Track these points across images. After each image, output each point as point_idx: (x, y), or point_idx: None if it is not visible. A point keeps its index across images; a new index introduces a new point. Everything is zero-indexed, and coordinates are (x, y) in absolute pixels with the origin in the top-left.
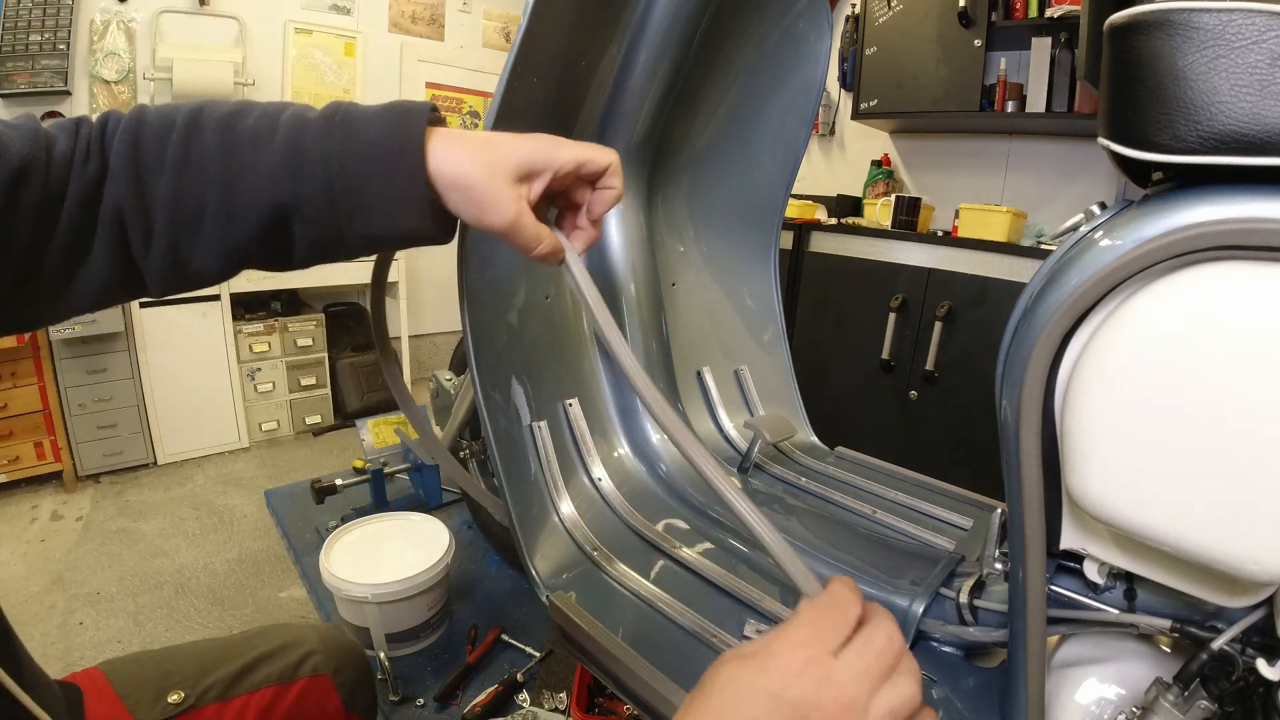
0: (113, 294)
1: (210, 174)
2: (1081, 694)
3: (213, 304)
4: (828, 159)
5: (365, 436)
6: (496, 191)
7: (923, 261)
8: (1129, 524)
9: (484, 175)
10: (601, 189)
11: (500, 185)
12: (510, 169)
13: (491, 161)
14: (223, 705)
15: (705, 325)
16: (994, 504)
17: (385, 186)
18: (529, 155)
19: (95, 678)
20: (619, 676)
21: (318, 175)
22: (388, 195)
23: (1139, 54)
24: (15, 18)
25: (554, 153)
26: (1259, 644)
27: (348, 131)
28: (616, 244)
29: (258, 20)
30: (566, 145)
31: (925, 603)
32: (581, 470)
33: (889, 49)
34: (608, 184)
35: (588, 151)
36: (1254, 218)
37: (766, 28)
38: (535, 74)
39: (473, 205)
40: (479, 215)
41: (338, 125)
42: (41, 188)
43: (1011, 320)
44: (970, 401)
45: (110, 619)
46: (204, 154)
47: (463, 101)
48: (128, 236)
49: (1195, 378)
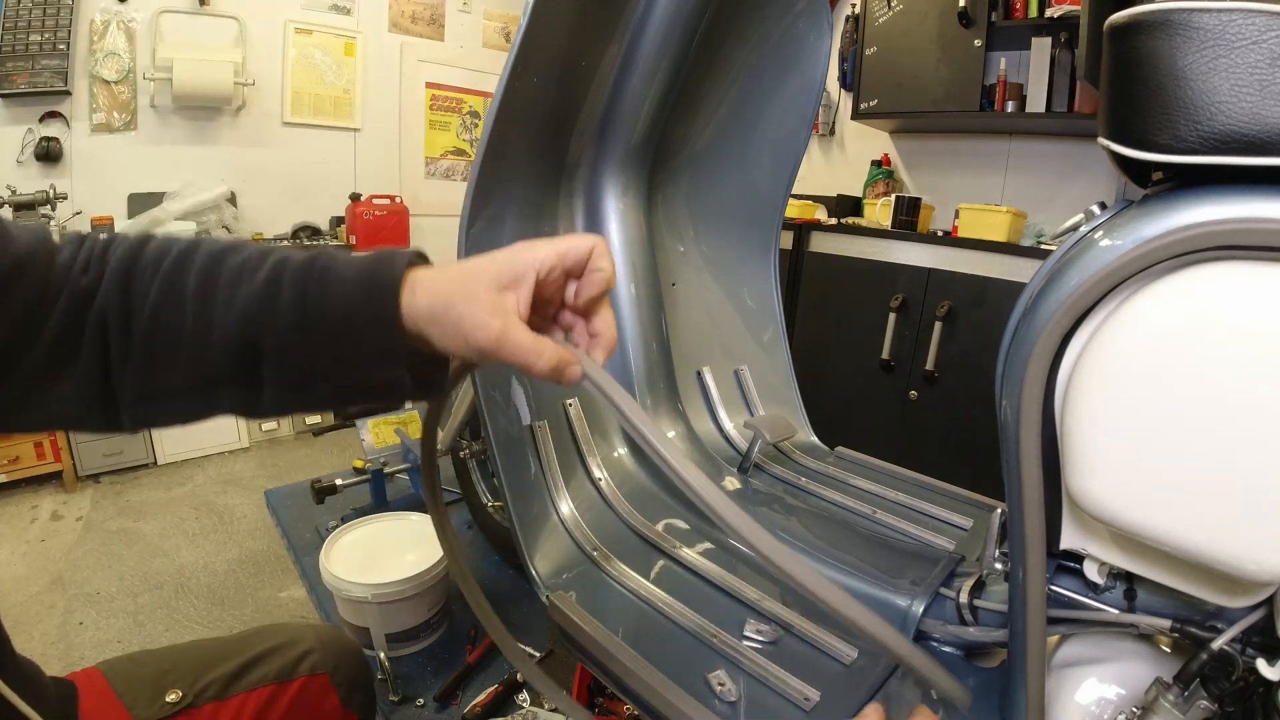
0: (82, 413)
1: (188, 301)
2: (1081, 694)
3: None
4: (828, 159)
5: (365, 436)
6: (476, 304)
7: (923, 261)
8: (1129, 524)
9: (458, 293)
10: (590, 273)
11: (480, 298)
12: (487, 281)
13: (465, 278)
14: (220, 704)
15: (705, 325)
16: (994, 504)
17: (354, 333)
18: (505, 262)
19: (93, 677)
20: (619, 676)
21: (289, 318)
22: (355, 341)
23: (1139, 54)
24: (15, 18)
25: (529, 253)
26: (1259, 644)
27: (325, 276)
28: (616, 244)
29: (258, 20)
30: (542, 243)
31: (925, 603)
32: (581, 470)
33: (889, 49)
34: (595, 267)
35: (566, 242)
36: (1254, 218)
37: (766, 28)
38: (535, 74)
39: (452, 330)
40: (464, 337)
41: (317, 269)
42: (37, 287)
43: (1011, 320)
44: (970, 401)
45: (110, 619)
46: (187, 281)
47: (463, 101)
48: (108, 352)
49: (1195, 378)
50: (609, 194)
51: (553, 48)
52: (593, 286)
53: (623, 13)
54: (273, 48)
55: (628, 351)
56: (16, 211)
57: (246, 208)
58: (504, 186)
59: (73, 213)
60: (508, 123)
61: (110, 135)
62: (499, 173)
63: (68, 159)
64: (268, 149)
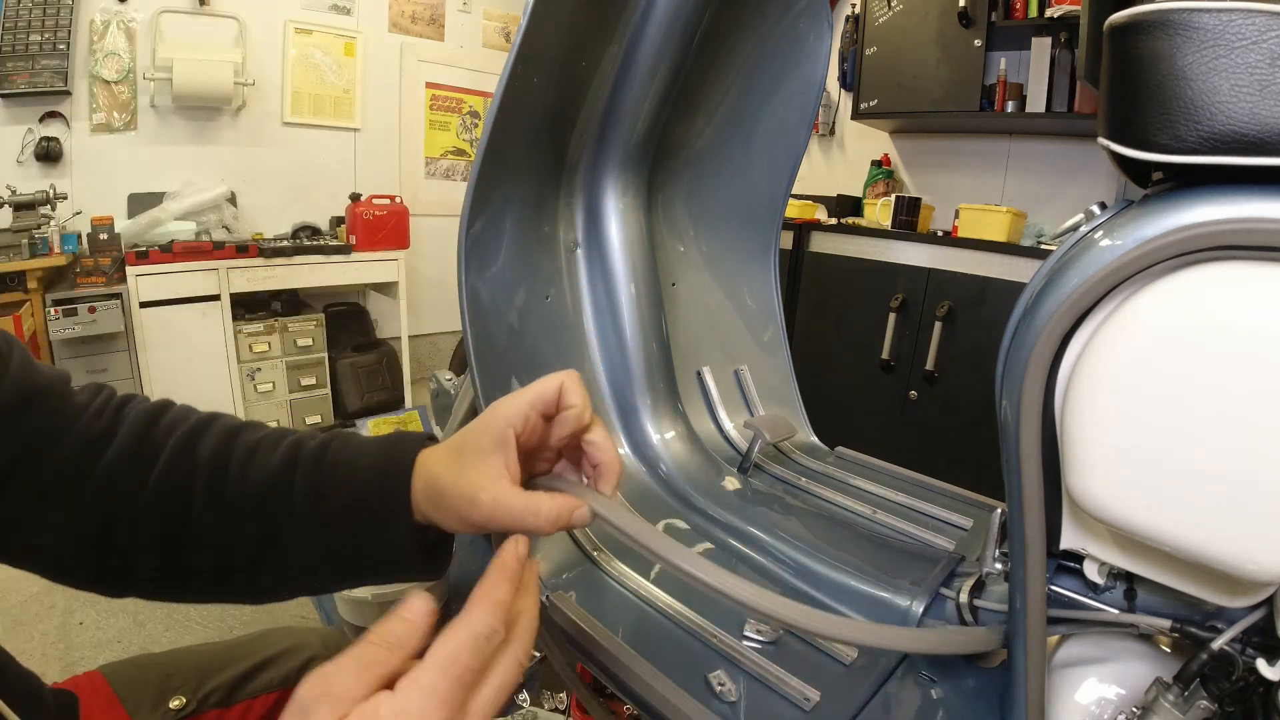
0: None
1: (201, 471)
2: (1081, 694)
3: (213, 304)
4: (828, 159)
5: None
6: (465, 483)
7: (923, 261)
8: (1129, 524)
9: (447, 476)
10: (561, 412)
11: (467, 476)
12: (472, 456)
13: (453, 458)
14: (224, 711)
15: (705, 325)
16: (994, 504)
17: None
18: (483, 430)
19: (96, 681)
20: (619, 676)
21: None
22: (366, 534)
23: (1139, 54)
24: (15, 18)
25: (503, 411)
26: (1259, 644)
27: (336, 470)
28: (616, 244)
29: (258, 20)
30: (513, 397)
31: (925, 603)
32: None
33: (889, 49)
34: (566, 405)
35: (535, 389)
36: (1254, 218)
37: (766, 28)
38: (535, 74)
39: (449, 513)
40: (459, 517)
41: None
42: (48, 418)
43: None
44: (970, 401)
45: (110, 619)
46: (200, 451)
47: (463, 101)
48: (113, 510)
49: (1195, 378)
50: (609, 194)
51: (553, 48)
52: (564, 426)
53: (623, 13)
54: (273, 48)
55: (628, 352)
56: (16, 211)
57: (246, 208)
58: (504, 186)
59: (73, 213)
60: (508, 123)
61: (110, 135)
62: (499, 173)
63: (68, 159)
64: (268, 149)
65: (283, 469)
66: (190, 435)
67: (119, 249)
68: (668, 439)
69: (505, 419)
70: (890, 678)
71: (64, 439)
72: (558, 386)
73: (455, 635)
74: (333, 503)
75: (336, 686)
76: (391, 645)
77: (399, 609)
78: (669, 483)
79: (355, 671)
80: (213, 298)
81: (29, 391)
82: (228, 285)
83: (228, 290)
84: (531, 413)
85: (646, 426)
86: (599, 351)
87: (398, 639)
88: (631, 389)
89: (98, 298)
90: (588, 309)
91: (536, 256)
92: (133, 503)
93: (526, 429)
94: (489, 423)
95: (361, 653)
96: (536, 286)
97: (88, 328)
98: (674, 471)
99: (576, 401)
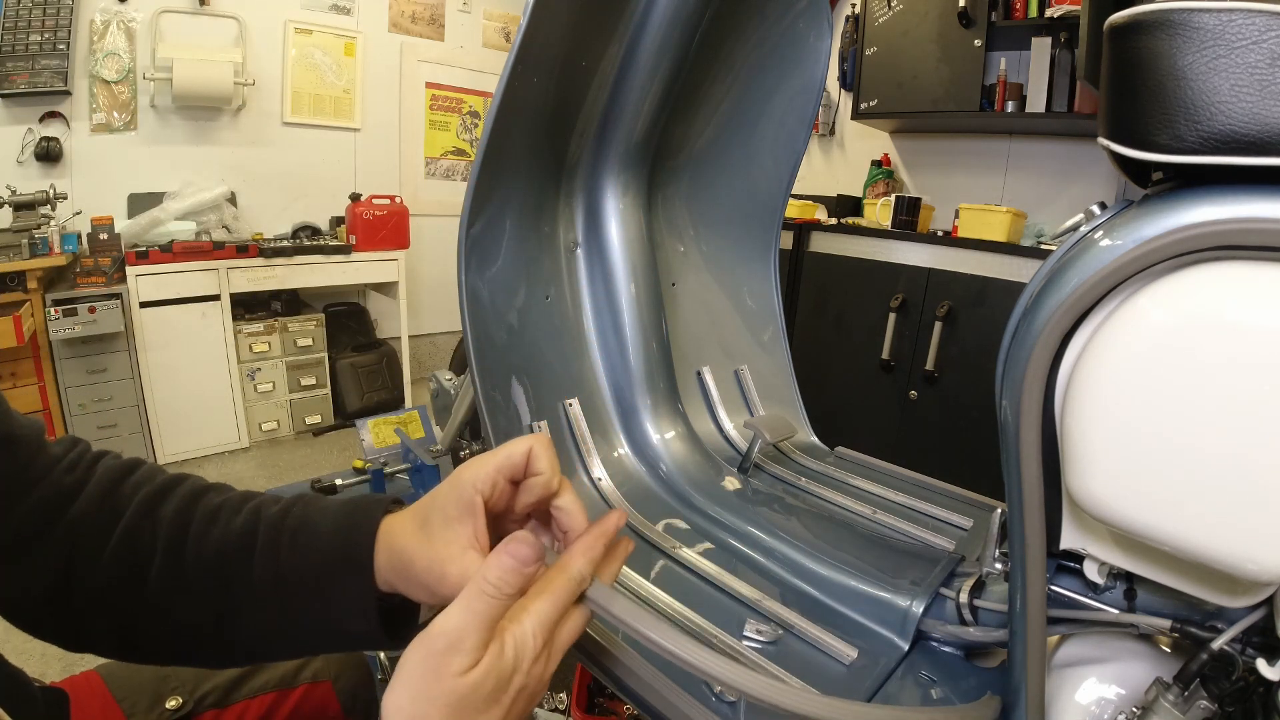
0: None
1: (162, 532)
2: (1081, 694)
3: (213, 304)
4: (828, 159)
5: (365, 436)
6: (433, 555)
7: (923, 261)
8: (1129, 524)
9: (414, 547)
10: (528, 478)
11: (435, 549)
12: (438, 524)
13: (419, 526)
14: (221, 711)
15: (705, 325)
16: (994, 504)
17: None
18: (449, 496)
19: (92, 681)
20: (619, 676)
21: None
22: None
23: (1139, 54)
24: (15, 18)
25: (469, 474)
26: (1259, 644)
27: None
28: (616, 244)
29: (258, 20)
30: (481, 460)
31: (925, 603)
32: (581, 470)
33: (889, 49)
34: (533, 471)
35: (503, 452)
36: (1254, 218)
37: (766, 28)
38: (535, 74)
39: (418, 586)
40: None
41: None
42: (20, 466)
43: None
44: (970, 401)
45: None
46: (163, 512)
47: (463, 101)
48: (75, 564)
49: (1195, 378)
50: (609, 194)
51: (553, 48)
52: (531, 494)
53: (623, 13)
54: (273, 48)
55: (628, 352)
56: (16, 211)
57: (246, 207)
58: (504, 186)
59: (73, 213)
60: (508, 123)
61: (110, 135)
62: (499, 173)
63: (68, 159)
64: (268, 149)
65: (242, 538)
66: (156, 494)
67: (119, 249)
68: (668, 439)
69: (472, 484)
70: (890, 678)
71: (34, 490)
72: (526, 451)
73: (557, 579)
74: (291, 577)
75: (468, 641)
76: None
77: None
78: (669, 483)
79: (479, 629)
80: (213, 298)
81: (3, 439)
82: (228, 285)
83: (228, 290)
84: (499, 478)
85: (646, 426)
86: (599, 351)
87: (511, 588)
88: (631, 389)
89: (98, 298)
90: (588, 309)
91: (536, 256)
92: (94, 558)
93: (494, 494)
94: (455, 488)
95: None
96: (536, 286)
97: (88, 328)
98: (674, 471)
99: (545, 468)
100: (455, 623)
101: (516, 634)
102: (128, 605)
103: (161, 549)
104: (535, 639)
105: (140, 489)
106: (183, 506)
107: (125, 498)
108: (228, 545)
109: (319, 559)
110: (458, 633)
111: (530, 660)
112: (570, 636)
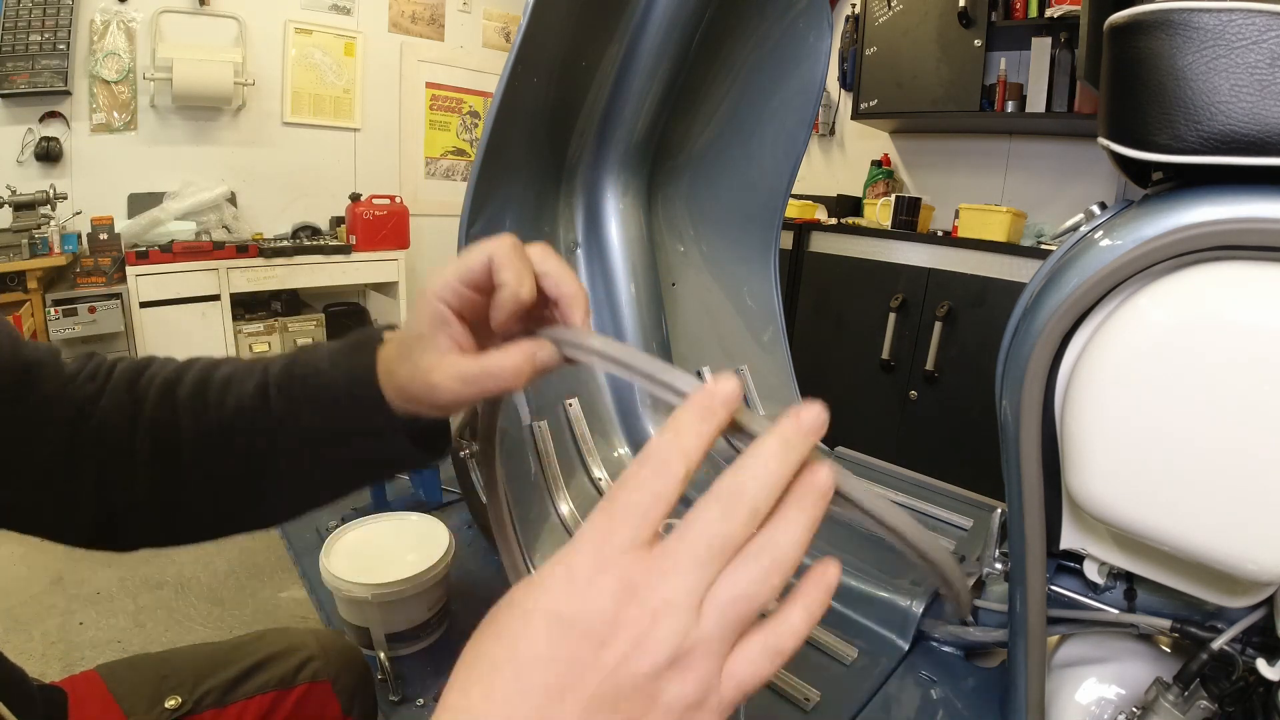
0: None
1: (183, 408)
2: (1081, 694)
3: (213, 304)
4: (828, 159)
5: None
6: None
7: (923, 261)
8: (1129, 524)
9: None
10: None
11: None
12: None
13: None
14: (220, 711)
15: (705, 325)
16: (994, 504)
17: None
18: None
19: (92, 681)
20: None
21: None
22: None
23: (1139, 54)
24: (15, 18)
25: (431, 285)
26: (1259, 644)
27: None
28: (616, 244)
29: (258, 20)
30: (440, 269)
31: (925, 603)
32: (581, 470)
33: (889, 49)
34: (498, 282)
35: (461, 261)
36: (1254, 218)
37: (766, 27)
38: (535, 74)
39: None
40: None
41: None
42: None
43: (1011, 320)
44: (970, 401)
45: (110, 619)
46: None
47: (463, 101)
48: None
49: (1196, 378)
50: (609, 194)
51: (553, 48)
52: (502, 310)
53: (623, 13)
54: (273, 48)
55: None
56: (16, 211)
57: (246, 208)
58: (504, 186)
59: (73, 213)
60: (508, 123)
61: (110, 135)
62: (499, 173)
63: (68, 159)
64: (268, 149)
65: (257, 390)
66: (172, 379)
67: (119, 249)
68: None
69: (436, 295)
70: (890, 678)
71: (58, 406)
72: (485, 260)
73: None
74: (312, 415)
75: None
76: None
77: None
78: None
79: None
80: (213, 298)
81: (21, 370)
82: (228, 285)
83: (228, 290)
84: (459, 286)
85: (647, 426)
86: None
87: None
88: (631, 389)
89: (98, 298)
90: None
91: None
92: (125, 453)
93: (460, 303)
94: (420, 305)
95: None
96: None
97: (88, 328)
98: None
99: (508, 278)
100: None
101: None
102: (166, 490)
103: (186, 424)
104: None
105: (155, 380)
106: (198, 381)
107: (143, 390)
108: (245, 402)
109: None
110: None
111: None
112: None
